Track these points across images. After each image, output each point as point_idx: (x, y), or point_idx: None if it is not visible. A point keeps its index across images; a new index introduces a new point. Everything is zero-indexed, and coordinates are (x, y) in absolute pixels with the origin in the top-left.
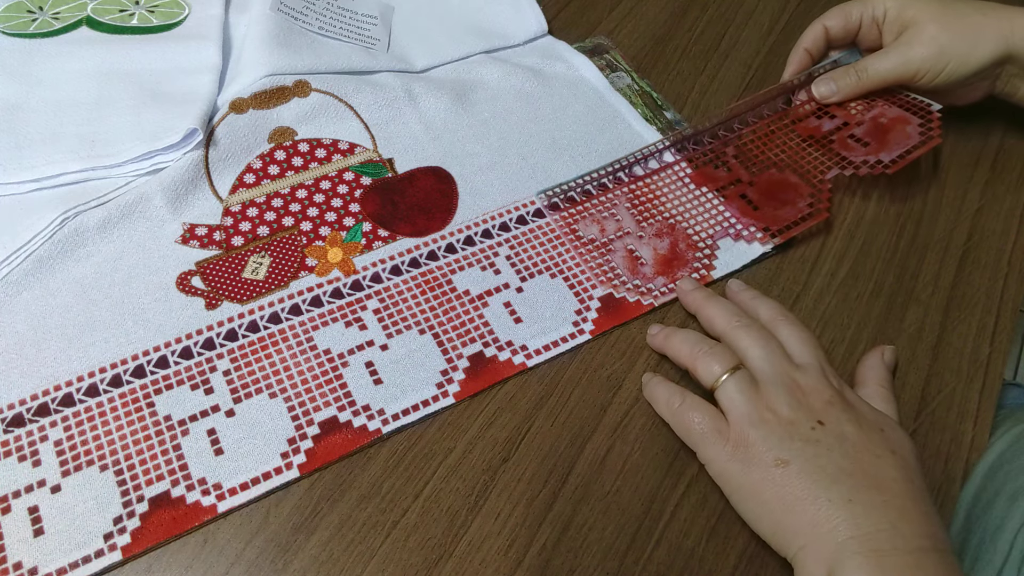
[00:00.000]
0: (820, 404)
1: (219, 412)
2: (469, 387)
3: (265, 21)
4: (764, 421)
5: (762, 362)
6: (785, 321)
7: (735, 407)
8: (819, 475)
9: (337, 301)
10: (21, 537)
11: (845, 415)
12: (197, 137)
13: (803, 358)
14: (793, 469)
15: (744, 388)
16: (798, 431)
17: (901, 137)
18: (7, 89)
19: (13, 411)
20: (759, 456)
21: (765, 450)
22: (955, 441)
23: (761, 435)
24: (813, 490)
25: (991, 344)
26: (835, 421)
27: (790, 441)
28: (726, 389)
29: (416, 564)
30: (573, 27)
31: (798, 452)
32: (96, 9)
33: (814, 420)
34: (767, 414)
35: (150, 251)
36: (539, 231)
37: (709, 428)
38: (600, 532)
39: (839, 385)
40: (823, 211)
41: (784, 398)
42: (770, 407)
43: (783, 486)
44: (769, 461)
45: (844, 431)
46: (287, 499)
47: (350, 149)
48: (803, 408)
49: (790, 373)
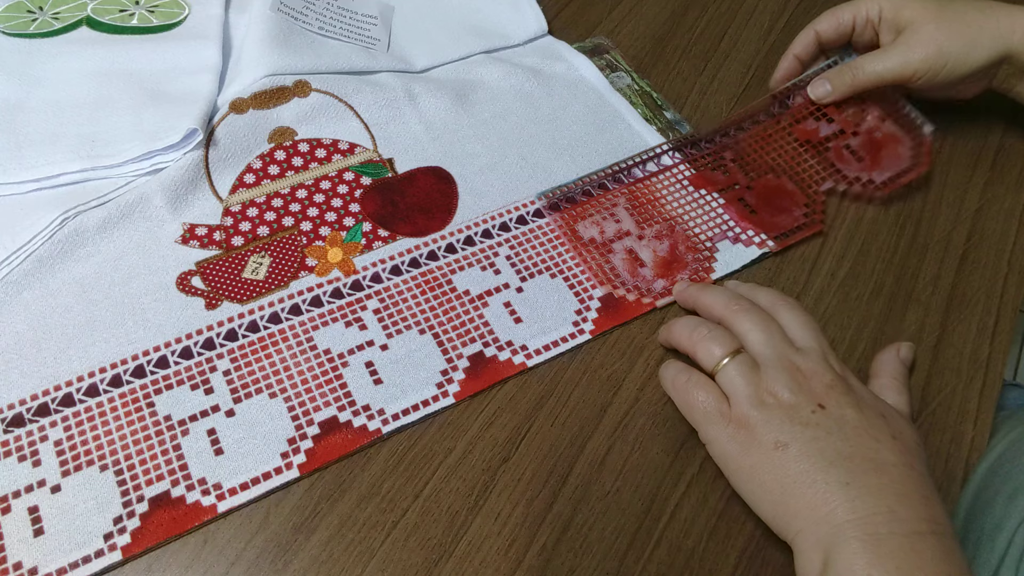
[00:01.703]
0: (821, 388)
1: (219, 412)
2: (469, 387)
3: (265, 21)
4: (764, 404)
5: (762, 345)
6: (785, 305)
7: (736, 390)
8: (817, 458)
9: (337, 301)
10: (21, 537)
11: (846, 399)
12: (197, 137)
13: (804, 342)
14: (792, 452)
15: (745, 371)
16: (798, 414)
17: (893, 157)
18: (7, 89)
19: (13, 411)
20: (759, 439)
21: (765, 433)
22: (955, 441)
23: (762, 418)
24: (811, 473)
25: (991, 344)
26: (835, 405)
27: (790, 424)
28: (727, 372)
29: (416, 564)
30: (573, 27)
31: (797, 435)
32: (96, 9)
33: (814, 403)
34: (767, 397)
35: (150, 251)
36: (539, 231)
37: (712, 408)
38: (600, 532)
39: (841, 370)
40: (818, 222)
41: (784, 381)
42: (770, 390)
43: (781, 469)
44: (768, 444)
45: (844, 415)
46: (287, 499)
47: (350, 149)
48: (803, 391)
49: (791, 356)
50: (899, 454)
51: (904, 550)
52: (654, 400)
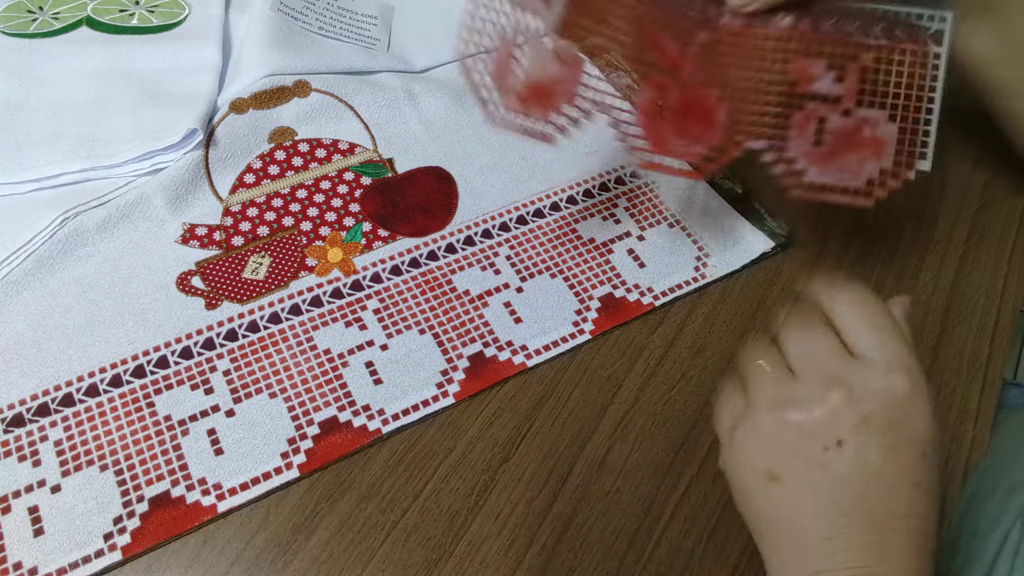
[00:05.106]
0: (851, 420)
1: (219, 412)
2: (469, 387)
3: (265, 21)
4: (774, 421)
5: (798, 357)
6: (846, 300)
7: (755, 388)
8: (808, 504)
9: (337, 301)
10: (21, 537)
11: (876, 439)
12: (197, 137)
13: (867, 348)
14: (781, 489)
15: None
16: (807, 446)
17: (854, 165)
18: (7, 89)
19: (13, 411)
20: (752, 459)
21: (759, 456)
22: (955, 441)
23: (765, 435)
24: (794, 520)
25: (991, 344)
26: (859, 445)
27: (791, 455)
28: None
29: (416, 564)
30: None
31: (794, 472)
32: (96, 9)
33: (834, 438)
34: (783, 411)
35: (150, 251)
36: (539, 231)
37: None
38: (600, 532)
39: (911, 384)
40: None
41: (809, 400)
42: (790, 404)
43: (766, 501)
44: (760, 470)
45: (866, 459)
46: (287, 499)
47: (350, 149)
48: (826, 421)
49: (834, 369)
50: (912, 505)
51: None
52: (654, 400)
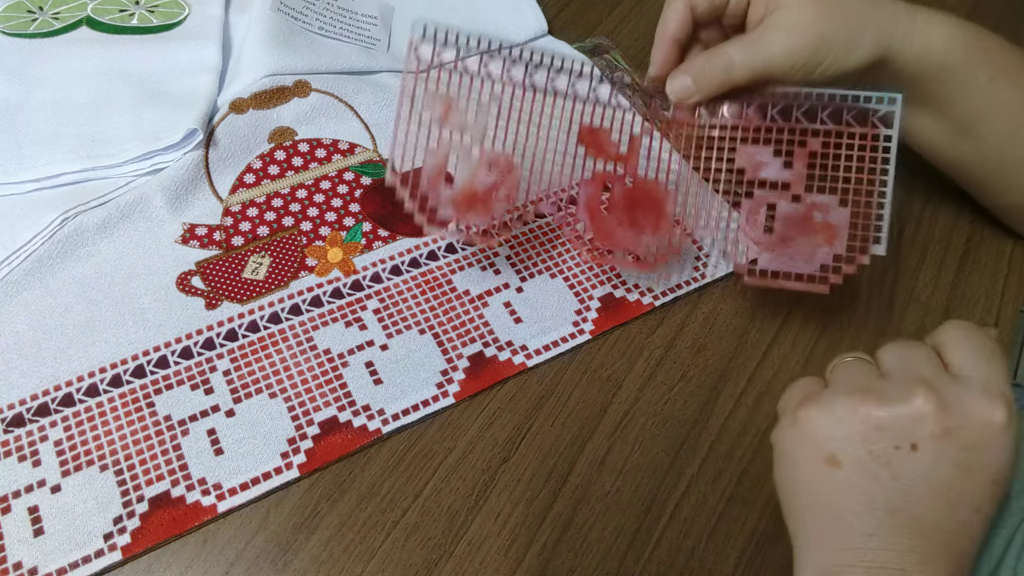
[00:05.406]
0: (933, 429)
1: (219, 412)
2: (469, 387)
3: (265, 21)
4: (851, 407)
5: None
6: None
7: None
8: (860, 498)
9: (337, 301)
10: (21, 537)
11: (953, 455)
12: (197, 137)
13: (966, 367)
14: (838, 477)
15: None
16: (879, 440)
17: (806, 251)
18: (7, 89)
19: (13, 411)
20: (817, 438)
21: (826, 434)
22: None
23: (837, 416)
24: (844, 508)
25: None
26: (933, 455)
27: (859, 444)
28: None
29: (416, 564)
30: (573, 27)
31: (857, 462)
32: (96, 9)
33: (909, 441)
34: (865, 401)
35: (150, 251)
36: (539, 231)
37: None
38: (600, 532)
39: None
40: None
41: (896, 397)
42: (873, 395)
43: (819, 484)
44: (822, 450)
45: (936, 470)
46: (287, 499)
47: (350, 149)
48: (907, 421)
49: (930, 377)
50: (966, 526)
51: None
52: (654, 400)
